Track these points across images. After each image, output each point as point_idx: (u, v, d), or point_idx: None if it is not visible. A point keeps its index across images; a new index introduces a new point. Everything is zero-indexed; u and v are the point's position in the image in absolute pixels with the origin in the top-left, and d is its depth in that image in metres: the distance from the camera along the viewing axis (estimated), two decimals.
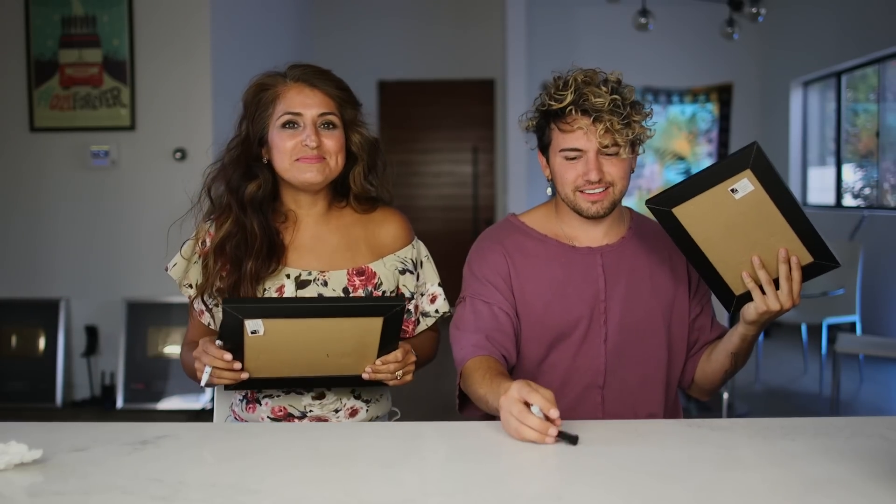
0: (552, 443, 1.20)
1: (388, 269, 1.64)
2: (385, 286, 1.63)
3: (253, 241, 1.56)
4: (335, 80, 1.62)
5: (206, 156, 2.89)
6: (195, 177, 1.66)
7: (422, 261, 1.71)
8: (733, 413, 3.82)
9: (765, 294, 1.42)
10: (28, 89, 4.30)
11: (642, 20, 5.51)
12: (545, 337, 1.58)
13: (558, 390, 1.56)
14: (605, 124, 1.47)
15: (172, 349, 4.26)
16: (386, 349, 1.45)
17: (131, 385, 4.26)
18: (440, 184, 7.31)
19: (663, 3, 6.00)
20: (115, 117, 4.31)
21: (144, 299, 4.31)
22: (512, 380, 1.30)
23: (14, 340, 4.34)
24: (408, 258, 1.67)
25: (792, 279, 1.40)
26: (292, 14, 6.28)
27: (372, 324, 1.40)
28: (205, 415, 4.01)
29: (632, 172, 1.57)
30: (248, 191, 1.58)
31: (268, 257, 1.57)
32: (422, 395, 3.72)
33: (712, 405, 4.01)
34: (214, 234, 1.60)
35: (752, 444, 1.25)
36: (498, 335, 1.54)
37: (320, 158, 1.56)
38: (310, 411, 1.60)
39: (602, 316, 1.58)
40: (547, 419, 1.20)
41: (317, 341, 1.41)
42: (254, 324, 1.36)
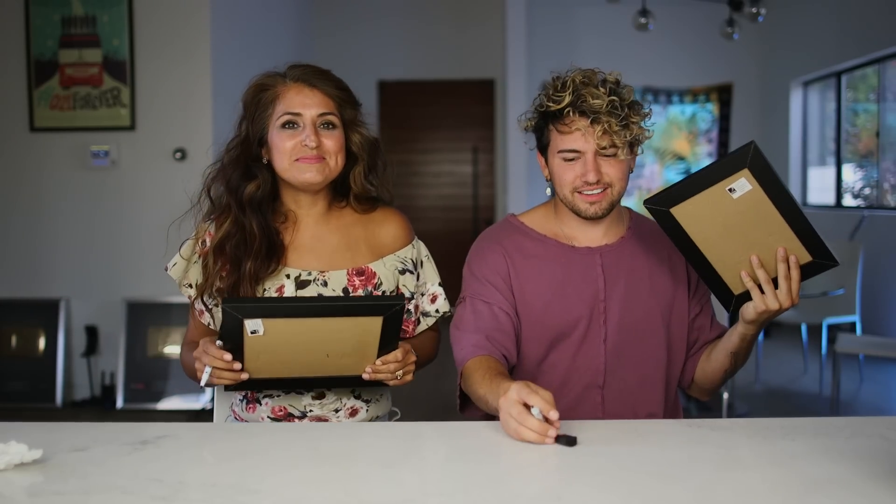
0: (551, 443, 1.21)
1: (388, 269, 1.64)
2: (385, 286, 1.63)
3: (252, 242, 1.56)
4: (335, 80, 1.62)
5: (206, 156, 2.89)
6: (195, 177, 1.67)
7: (422, 261, 1.71)
8: (733, 413, 3.82)
9: (764, 293, 1.42)
10: (28, 89, 4.30)
11: (642, 20, 5.51)
12: (545, 337, 1.58)
13: (558, 390, 1.56)
14: (603, 126, 1.47)
15: (172, 349, 4.26)
16: (386, 349, 1.45)
17: (131, 385, 4.26)
18: (440, 184, 7.31)
19: (663, 3, 6.00)
20: (115, 117, 4.31)
21: (144, 299, 4.31)
22: (512, 380, 1.31)
23: (14, 340, 4.34)
24: (408, 258, 1.67)
25: (791, 278, 1.40)
26: (292, 14, 6.28)
27: (371, 323, 1.40)
28: (205, 415, 4.01)
29: (630, 172, 1.57)
30: (247, 191, 1.59)
31: (267, 257, 1.57)
32: (422, 395, 3.72)
33: (712, 405, 4.01)
34: (214, 234, 1.60)
35: (752, 444, 1.25)
36: (498, 335, 1.54)
37: (320, 158, 1.56)
38: (310, 411, 1.60)
39: (601, 316, 1.58)
40: (547, 421, 1.20)
41: (317, 341, 1.41)
42: (253, 324, 1.36)
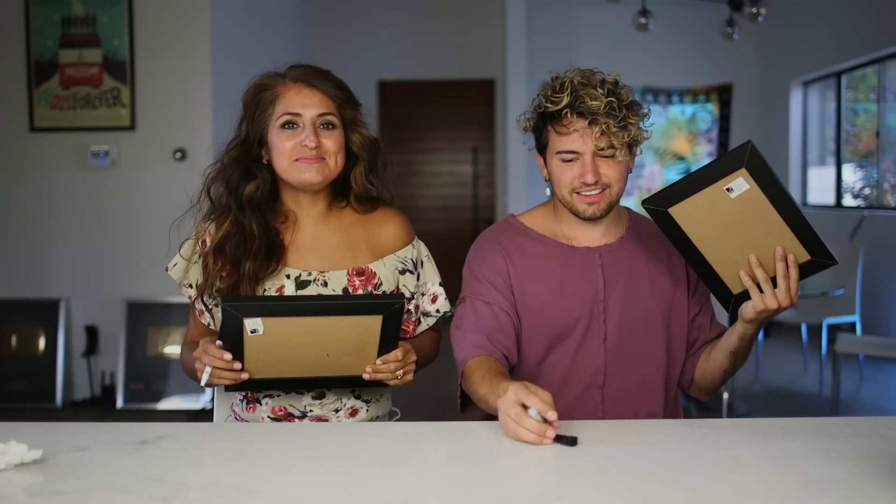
0: (550, 443, 1.21)
1: (388, 269, 1.64)
2: (385, 286, 1.63)
3: (252, 242, 1.56)
4: (334, 80, 1.62)
5: (206, 156, 2.89)
6: (195, 177, 1.67)
7: (422, 261, 1.71)
8: (733, 413, 3.82)
9: (762, 292, 1.42)
10: (28, 89, 4.30)
11: (642, 20, 5.51)
12: (545, 337, 1.58)
13: (558, 390, 1.56)
14: (601, 127, 1.47)
15: (172, 349, 4.26)
16: (386, 348, 1.44)
17: (131, 385, 4.26)
18: (440, 184, 7.30)
19: (663, 3, 6.00)
20: (115, 117, 4.31)
21: (144, 299, 4.31)
22: (512, 380, 1.30)
23: (14, 340, 4.34)
24: (408, 258, 1.67)
25: (789, 277, 1.40)
26: (292, 14, 6.28)
27: (371, 322, 1.40)
28: (205, 415, 4.01)
29: (629, 173, 1.57)
30: (246, 191, 1.58)
31: (266, 258, 1.57)
32: (422, 396, 3.72)
33: (712, 405, 4.01)
34: (214, 235, 1.60)
35: (752, 444, 1.25)
36: (499, 335, 1.54)
37: (320, 158, 1.56)
38: (310, 411, 1.60)
39: (601, 315, 1.58)
40: (546, 421, 1.20)
41: (316, 341, 1.40)
42: (253, 323, 1.36)
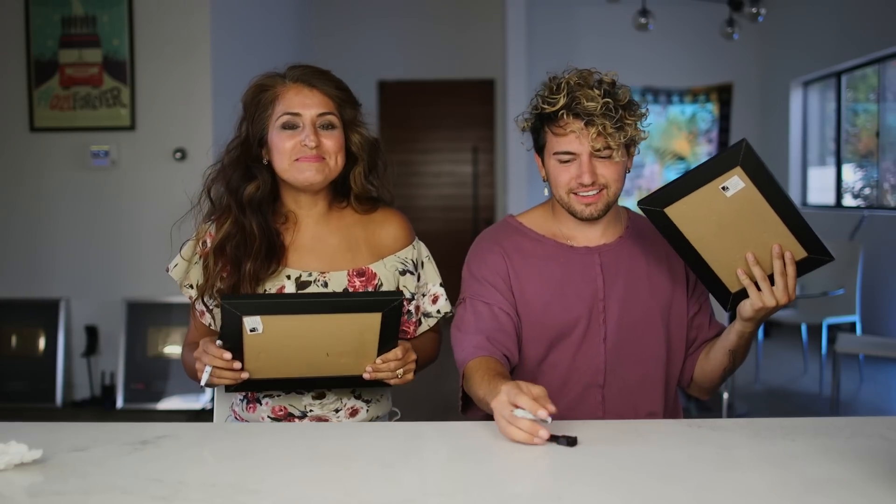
0: (542, 444, 1.20)
1: (388, 269, 1.64)
2: (385, 287, 1.63)
3: (252, 242, 1.56)
4: (334, 80, 1.62)
5: (206, 156, 2.89)
6: (195, 177, 1.67)
7: (423, 261, 1.71)
8: (733, 413, 3.82)
9: (760, 290, 1.42)
10: (28, 89, 4.30)
11: (642, 20, 5.51)
12: (544, 337, 1.58)
13: (558, 390, 1.56)
14: (598, 128, 1.47)
15: (172, 349, 4.26)
16: (386, 347, 1.44)
17: (131, 385, 4.26)
18: (440, 184, 7.30)
19: (663, 3, 5.99)
20: (115, 117, 4.31)
21: (144, 299, 4.31)
22: (511, 381, 1.30)
23: (14, 340, 4.34)
24: (408, 259, 1.67)
25: (786, 274, 1.41)
26: (292, 14, 6.28)
27: (371, 320, 1.40)
28: (205, 415, 4.01)
29: (627, 173, 1.57)
30: (247, 192, 1.58)
31: (267, 258, 1.57)
32: (422, 396, 3.72)
33: (712, 405, 4.01)
34: (214, 235, 1.60)
35: (752, 444, 1.25)
36: (499, 335, 1.54)
37: (319, 158, 1.56)
38: (310, 411, 1.60)
39: (601, 315, 1.58)
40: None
41: (316, 339, 1.40)
42: (252, 321, 1.36)
